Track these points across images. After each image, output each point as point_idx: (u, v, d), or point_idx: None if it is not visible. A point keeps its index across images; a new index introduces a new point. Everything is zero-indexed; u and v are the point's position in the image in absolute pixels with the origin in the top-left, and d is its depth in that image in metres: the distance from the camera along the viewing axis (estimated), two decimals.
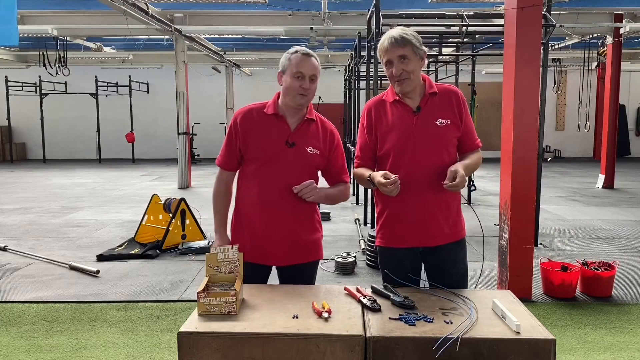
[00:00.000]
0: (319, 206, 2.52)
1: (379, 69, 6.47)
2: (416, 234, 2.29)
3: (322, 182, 2.47)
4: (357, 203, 8.70)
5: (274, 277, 2.45)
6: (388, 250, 2.37)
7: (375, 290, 2.05)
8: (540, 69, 4.44)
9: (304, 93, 2.27)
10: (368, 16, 6.46)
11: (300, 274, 2.37)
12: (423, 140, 2.25)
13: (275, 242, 2.32)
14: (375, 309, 1.87)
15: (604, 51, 10.95)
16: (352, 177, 2.53)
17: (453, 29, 6.58)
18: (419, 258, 2.34)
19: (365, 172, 2.35)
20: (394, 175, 2.15)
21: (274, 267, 2.42)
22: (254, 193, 2.33)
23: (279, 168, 2.29)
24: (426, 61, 2.28)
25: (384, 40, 2.23)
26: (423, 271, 2.39)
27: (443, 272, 2.32)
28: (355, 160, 2.45)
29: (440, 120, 2.27)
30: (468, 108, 2.36)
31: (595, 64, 13.06)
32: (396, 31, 2.24)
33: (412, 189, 2.24)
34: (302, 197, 2.25)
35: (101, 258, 5.47)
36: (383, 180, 2.15)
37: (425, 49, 2.30)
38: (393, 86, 2.30)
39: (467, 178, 2.19)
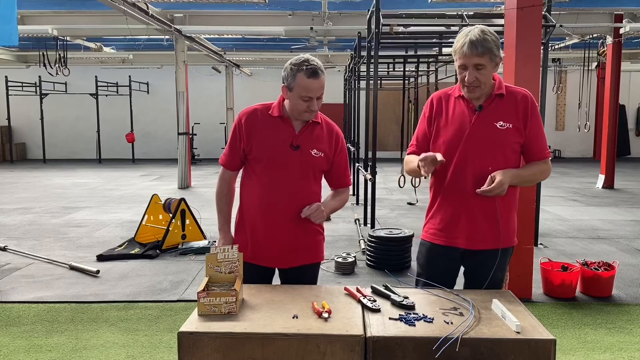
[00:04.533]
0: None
1: (378, 69, 6.48)
2: (457, 234, 2.26)
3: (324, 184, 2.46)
4: (357, 203, 8.70)
5: (275, 279, 2.44)
6: (427, 245, 2.36)
7: (375, 290, 2.05)
8: (540, 69, 4.44)
9: (311, 112, 2.26)
10: (368, 16, 6.46)
11: (301, 276, 2.36)
12: (479, 140, 2.19)
13: (276, 244, 2.32)
14: (375, 309, 1.87)
15: (604, 51, 10.95)
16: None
17: (453, 29, 6.57)
18: (457, 258, 2.32)
19: (416, 158, 2.27)
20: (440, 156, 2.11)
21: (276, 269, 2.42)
22: (256, 194, 2.33)
23: (283, 170, 2.28)
24: (500, 64, 2.23)
25: (464, 44, 2.11)
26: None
27: (477, 276, 2.30)
28: (409, 148, 2.40)
29: (502, 123, 2.19)
30: (539, 114, 2.26)
31: (595, 64, 13.05)
32: (477, 34, 2.10)
33: (459, 188, 2.22)
34: (311, 219, 2.24)
35: (101, 258, 5.47)
36: (424, 156, 2.11)
37: (503, 54, 2.19)
38: (462, 89, 2.24)
39: (506, 185, 2.11)
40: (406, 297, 1.94)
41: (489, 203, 2.19)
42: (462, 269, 2.39)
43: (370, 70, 6.55)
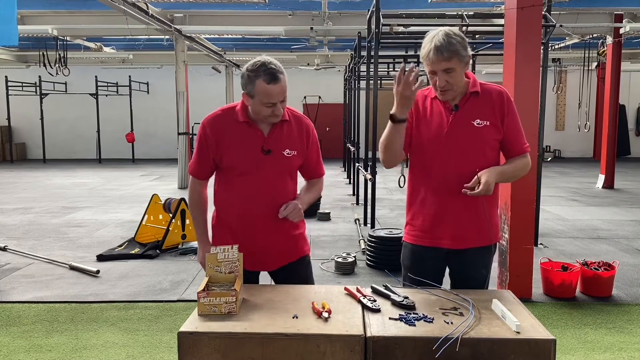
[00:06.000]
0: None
1: (378, 69, 6.48)
2: (442, 235, 2.25)
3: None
4: (357, 203, 8.70)
5: (264, 279, 2.41)
6: (411, 247, 2.34)
7: (375, 290, 2.05)
8: (540, 68, 4.44)
9: (277, 116, 2.19)
10: (368, 16, 6.46)
11: (293, 273, 2.33)
12: (457, 140, 2.18)
13: (259, 250, 2.27)
14: (375, 309, 1.87)
15: (604, 51, 10.95)
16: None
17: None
18: (442, 259, 2.31)
19: None
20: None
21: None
22: (234, 203, 2.27)
23: (258, 177, 2.22)
24: (470, 61, 2.21)
25: (429, 51, 2.10)
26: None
27: (464, 276, 2.30)
28: None
29: (479, 120, 2.19)
30: (515, 109, 2.25)
31: (595, 64, 13.06)
32: (441, 38, 2.08)
33: (441, 187, 2.21)
34: (289, 219, 2.20)
35: (101, 258, 5.47)
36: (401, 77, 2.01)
37: (470, 52, 2.18)
38: (435, 92, 2.22)
39: (492, 185, 2.10)
40: (406, 297, 1.94)
41: (472, 201, 2.19)
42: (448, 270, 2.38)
43: (370, 70, 6.55)
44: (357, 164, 8.82)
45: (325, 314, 1.80)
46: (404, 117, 2.14)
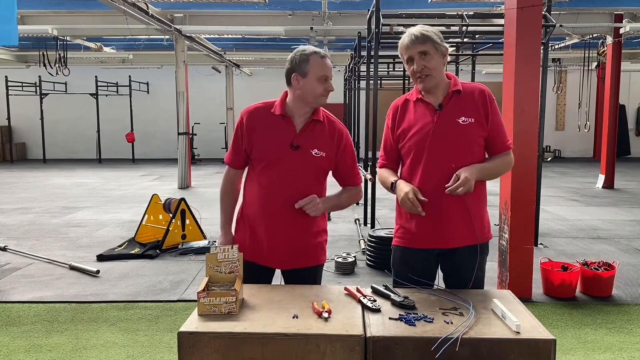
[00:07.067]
0: None
1: (378, 69, 6.48)
2: (432, 236, 2.25)
3: (333, 182, 2.45)
4: (357, 203, 8.70)
5: (277, 278, 2.43)
6: (402, 250, 2.34)
7: (375, 290, 2.05)
8: (540, 68, 4.44)
9: (327, 94, 2.28)
10: (368, 16, 6.47)
11: (302, 278, 2.33)
12: (444, 139, 2.20)
13: (276, 246, 2.29)
14: (375, 309, 1.87)
15: (604, 51, 10.95)
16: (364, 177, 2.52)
17: (453, 29, 6.58)
18: (433, 260, 2.31)
19: (389, 176, 2.32)
20: (421, 197, 2.16)
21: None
22: (256, 194, 2.30)
23: (283, 171, 2.25)
24: (448, 58, 2.29)
25: (404, 38, 2.21)
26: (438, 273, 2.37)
27: (458, 276, 2.28)
28: (379, 160, 2.43)
29: (464, 118, 2.21)
30: (497, 107, 2.28)
31: (595, 64, 13.06)
32: (416, 28, 2.21)
33: (430, 188, 2.20)
34: (305, 210, 2.24)
35: (101, 258, 5.47)
36: (410, 196, 2.15)
37: (447, 45, 2.25)
38: (416, 84, 2.26)
39: (472, 182, 2.12)
40: (406, 297, 1.94)
41: (460, 200, 2.19)
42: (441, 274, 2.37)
43: (370, 70, 6.55)
44: (357, 164, 8.82)
45: (325, 314, 1.80)
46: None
